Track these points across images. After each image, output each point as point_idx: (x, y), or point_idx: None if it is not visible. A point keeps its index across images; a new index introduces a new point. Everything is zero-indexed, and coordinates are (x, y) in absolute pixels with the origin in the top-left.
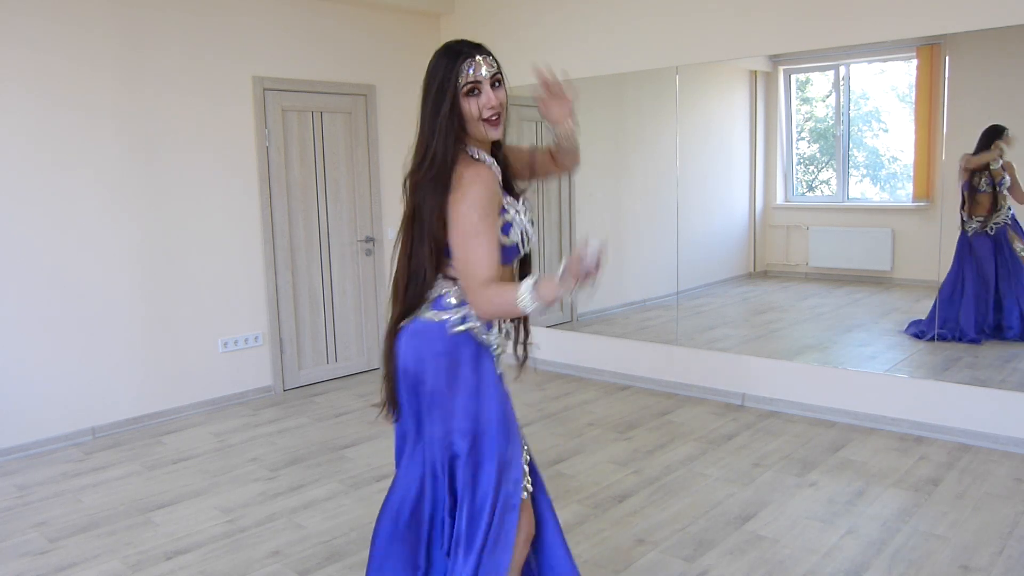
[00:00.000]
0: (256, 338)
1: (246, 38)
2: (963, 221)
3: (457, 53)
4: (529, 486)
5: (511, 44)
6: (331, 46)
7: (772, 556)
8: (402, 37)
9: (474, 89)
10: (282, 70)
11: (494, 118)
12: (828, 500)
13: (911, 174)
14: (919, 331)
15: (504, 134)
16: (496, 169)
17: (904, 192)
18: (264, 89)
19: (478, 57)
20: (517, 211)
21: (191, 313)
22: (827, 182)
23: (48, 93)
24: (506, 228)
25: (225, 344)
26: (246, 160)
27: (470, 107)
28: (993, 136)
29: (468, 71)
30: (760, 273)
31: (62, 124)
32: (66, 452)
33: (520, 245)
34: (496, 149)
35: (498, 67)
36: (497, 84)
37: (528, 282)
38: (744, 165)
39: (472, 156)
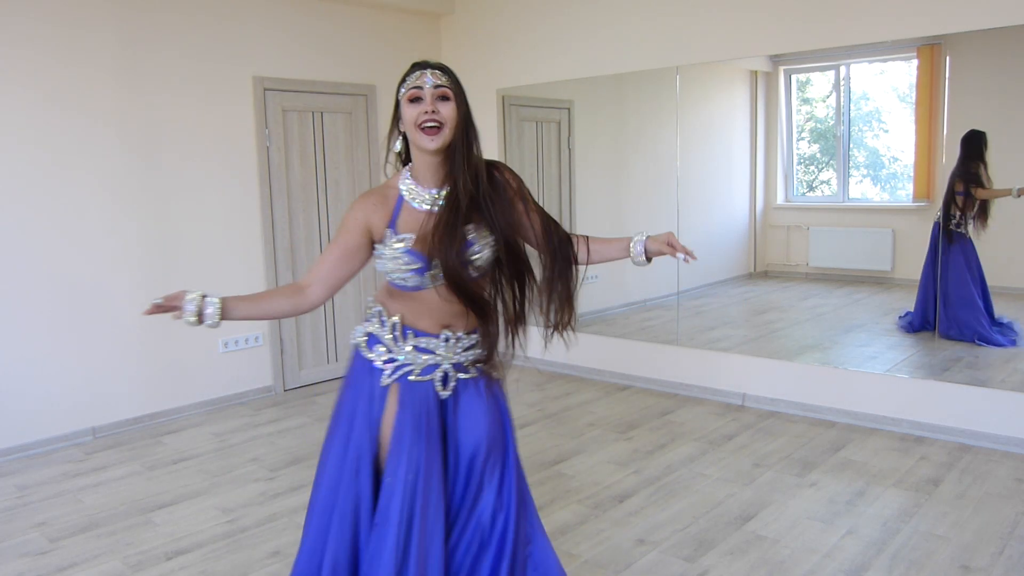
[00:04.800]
0: (256, 338)
1: (246, 38)
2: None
3: (412, 67)
4: None
5: (511, 43)
6: (331, 46)
7: (772, 556)
8: (402, 37)
9: (417, 97)
10: (282, 70)
11: (429, 126)
12: (828, 500)
13: (911, 174)
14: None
15: (466, 150)
16: (412, 196)
17: (904, 192)
18: (264, 89)
19: (428, 70)
20: (390, 251)
21: None
22: (827, 182)
23: (48, 93)
24: (380, 262)
25: (225, 344)
26: (246, 160)
27: (409, 112)
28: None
29: (410, 82)
30: (760, 273)
31: (62, 124)
32: (66, 452)
33: (402, 279)
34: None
35: (450, 84)
36: (444, 99)
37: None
38: (744, 165)
39: (392, 184)
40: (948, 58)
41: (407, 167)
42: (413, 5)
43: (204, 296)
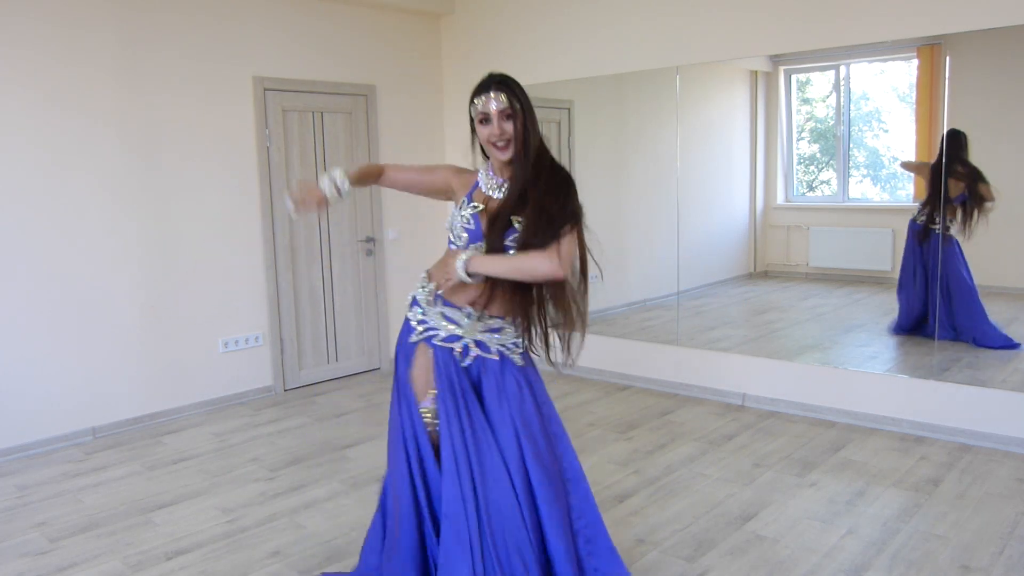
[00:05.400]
0: (256, 338)
1: (246, 38)
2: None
3: (479, 87)
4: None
5: (511, 43)
6: (331, 46)
7: (772, 556)
8: (402, 37)
9: (484, 119)
10: (282, 70)
11: (500, 144)
12: (828, 500)
13: (912, 174)
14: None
15: (524, 158)
16: (485, 183)
17: (904, 192)
18: (264, 89)
19: (491, 92)
20: (461, 212)
21: (191, 313)
22: (827, 182)
23: (48, 93)
24: (449, 219)
25: (226, 344)
26: (246, 160)
27: (481, 132)
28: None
29: (478, 105)
30: (760, 273)
31: (63, 125)
32: (66, 452)
33: (451, 235)
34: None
35: (510, 102)
36: (509, 117)
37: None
38: (744, 165)
39: (475, 172)
40: (948, 58)
41: (488, 161)
42: (413, 5)
43: (332, 176)
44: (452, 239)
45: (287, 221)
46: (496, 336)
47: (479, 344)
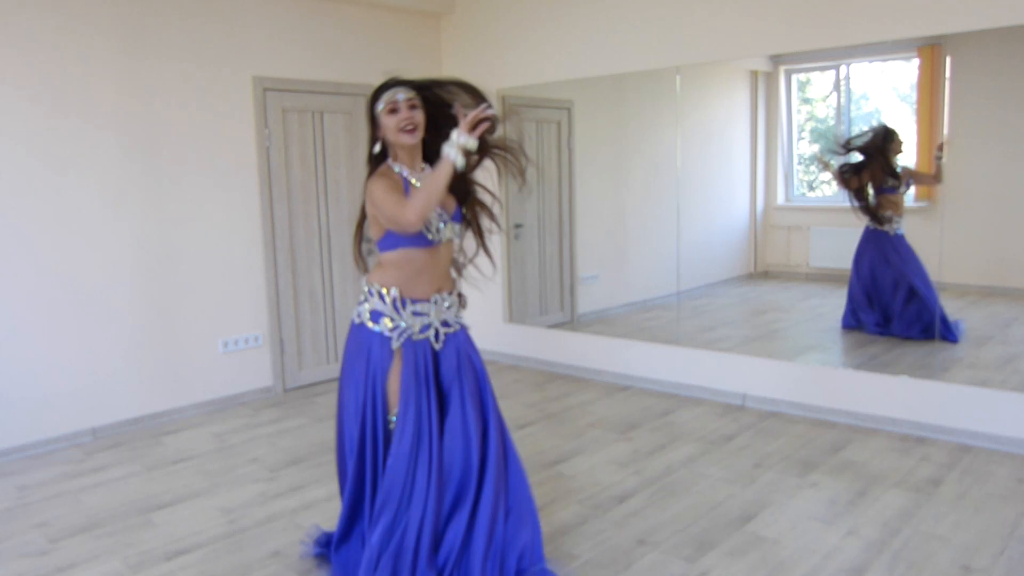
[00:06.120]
0: (256, 338)
1: (246, 39)
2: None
3: (383, 87)
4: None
5: (511, 43)
6: (331, 46)
7: (773, 556)
8: (402, 37)
9: (394, 109)
10: (282, 70)
11: (408, 128)
12: (829, 501)
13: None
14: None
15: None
16: (412, 178)
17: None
18: (264, 89)
19: (398, 88)
20: None
21: (191, 313)
22: (828, 182)
23: (48, 94)
24: None
25: (225, 344)
26: (246, 160)
27: (390, 121)
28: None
29: (387, 96)
30: (761, 273)
31: (63, 125)
32: (66, 452)
33: (426, 233)
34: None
35: (416, 96)
36: (414, 107)
37: (445, 146)
38: (745, 165)
39: (391, 168)
40: (948, 58)
41: (388, 159)
42: (413, 5)
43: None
44: (429, 235)
45: (287, 221)
46: (451, 311)
47: (444, 323)
